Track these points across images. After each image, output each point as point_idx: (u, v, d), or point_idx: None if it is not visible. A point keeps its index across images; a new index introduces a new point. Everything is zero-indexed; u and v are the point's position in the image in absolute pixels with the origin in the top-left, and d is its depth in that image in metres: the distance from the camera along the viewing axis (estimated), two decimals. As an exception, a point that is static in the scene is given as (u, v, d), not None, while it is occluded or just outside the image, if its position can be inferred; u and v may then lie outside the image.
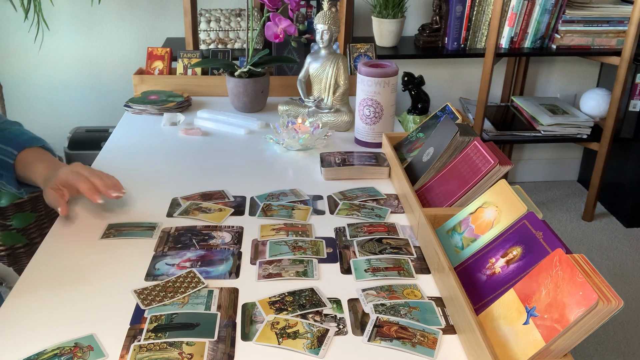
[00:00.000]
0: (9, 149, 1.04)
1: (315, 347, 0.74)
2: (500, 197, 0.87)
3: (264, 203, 1.11)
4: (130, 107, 1.58)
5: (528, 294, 0.69)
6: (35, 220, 2.00)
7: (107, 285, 0.87)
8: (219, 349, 0.74)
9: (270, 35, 1.43)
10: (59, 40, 2.53)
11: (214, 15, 2.37)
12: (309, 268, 0.91)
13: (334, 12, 1.42)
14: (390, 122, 1.36)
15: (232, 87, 1.55)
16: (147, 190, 1.16)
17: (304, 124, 1.36)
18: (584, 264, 0.66)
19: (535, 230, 0.78)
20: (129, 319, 0.79)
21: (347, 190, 1.17)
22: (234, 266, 0.91)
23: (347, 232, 1.01)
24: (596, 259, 2.40)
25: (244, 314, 0.80)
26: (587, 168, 2.95)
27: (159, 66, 1.74)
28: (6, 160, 1.04)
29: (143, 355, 0.72)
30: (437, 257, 0.86)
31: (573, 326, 0.62)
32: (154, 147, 1.38)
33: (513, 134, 2.51)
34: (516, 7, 2.32)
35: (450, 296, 0.80)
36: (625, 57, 2.32)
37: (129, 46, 2.57)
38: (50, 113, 2.66)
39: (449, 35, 2.43)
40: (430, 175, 1.09)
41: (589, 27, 2.38)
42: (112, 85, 2.63)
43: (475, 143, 1.02)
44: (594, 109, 2.60)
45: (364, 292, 0.85)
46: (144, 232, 1.00)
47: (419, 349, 0.74)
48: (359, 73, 1.31)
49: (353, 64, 1.71)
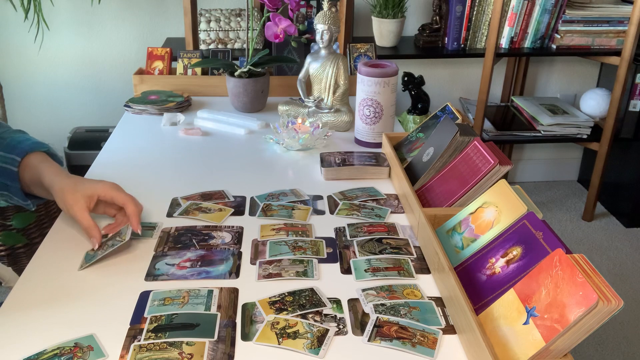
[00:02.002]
0: (12, 156, 0.98)
1: (315, 347, 0.74)
2: (500, 197, 0.87)
3: (264, 203, 1.11)
4: (130, 107, 1.58)
5: (528, 294, 0.69)
6: (35, 220, 2.00)
7: (107, 285, 0.87)
8: (219, 349, 0.74)
9: (270, 35, 1.43)
10: (59, 40, 2.53)
11: (214, 15, 2.37)
12: (309, 268, 0.91)
13: (334, 12, 1.42)
14: (390, 122, 1.36)
15: (232, 87, 1.56)
16: (147, 190, 1.16)
17: (304, 124, 1.36)
18: (584, 264, 0.66)
19: (535, 230, 0.78)
20: (129, 319, 0.79)
21: (347, 190, 1.17)
22: (234, 266, 0.91)
23: (347, 232, 1.01)
24: (596, 259, 2.40)
25: (244, 314, 0.80)
26: (587, 168, 2.95)
27: (159, 66, 1.74)
28: (9, 168, 0.98)
29: (143, 355, 0.72)
30: (437, 257, 0.86)
31: (573, 326, 0.62)
32: (154, 147, 1.38)
33: (513, 134, 2.51)
34: (516, 7, 2.32)
35: (450, 296, 0.80)
36: (625, 57, 2.32)
37: (129, 46, 2.57)
38: (50, 113, 2.66)
39: (449, 35, 2.43)
40: (430, 175, 1.09)
41: (589, 27, 2.38)
42: (112, 85, 2.63)
43: (475, 143, 1.02)
44: (594, 109, 2.60)
45: (364, 292, 0.85)
46: (144, 232, 1.00)
47: (419, 349, 0.74)
48: (359, 73, 1.31)
49: (353, 64, 1.71)
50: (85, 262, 0.91)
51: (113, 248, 0.92)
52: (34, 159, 0.99)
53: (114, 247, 0.92)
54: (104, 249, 0.92)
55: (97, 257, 0.91)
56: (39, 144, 1.03)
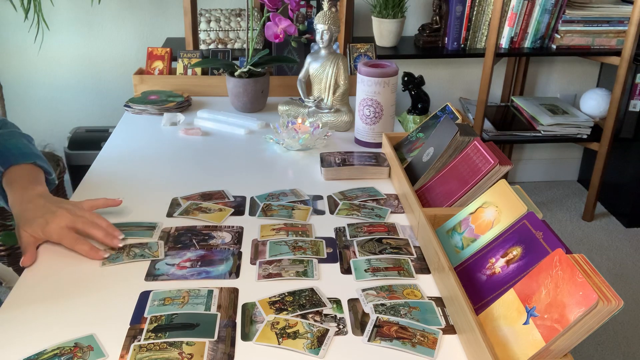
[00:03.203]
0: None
1: (315, 347, 0.74)
2: (500, 197, 0.87)
3: (264, 203, 1.11)
4: (130, 107, 1.58)
5: (528, 294, 0.69)
6: (35, 220, 2.00)
7: (107, 285, 0.87)
8: (219, 349, 0.74)
9: (270, 35, 1.43)
10: (59, 40, 2.53)
11: (214, 15, 2.37)
12: (309, 268, 0.91)
13: (334, 12, 1.42)
14: (390, 122, 1.36)
15: (232, 87, 1.55)
16: (147, 190, 1.16)
17: (304, 124, 1.36)
18: (584, 264, 0.66)
19: (535, 230, 0.78)
20: (129, 319, 0.79)
21: (347, 190, 1.17)
22: (234, 266, 0.91)
23: (347, 232, 1.01)
24: (596, 259, 2.40)
25: (244, 314, 0.80)
26: (587, 168, 2.95)
27: (159, 66, 1.74)
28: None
29: (143, 355, 0.72)
30: (437, 257, 0.86)
31: (573, 326, 0.62)
32: (154, 147, 1.38)
33: (513, 134, 2.51)
34: (516, 7, 2.32)
35: (450, 296, 0.80)
36: (625, 57, 2.32)
37: (129, 46, 2.57)
38: (50, 113, 2.66)
39: (449, 35, 2.43)
40: (430, 175, 1.09)
41: (589, 27, 2.38)
42: (112, 85, 2.63)
43: (475, 143, 1.02)
44: (594, 109, 2.60)
45: (364, 292, 0.85)
46: (144, 232, 1.00)
47: (419, 349, 0.74)
48: (359, 73, 1.31)
49: (353, 64, 1.71)
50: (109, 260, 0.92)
51: (138, 260, 0.92)
52: (15, 173, 0.99)
53: (142, 258, 0.93)
54: (131, 255, 0.93)
55: (121, 261, 0.92)
56: (27, 156, 1.02)
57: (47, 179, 1.04)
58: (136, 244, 0.96)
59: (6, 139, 1.05)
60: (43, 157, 1.05)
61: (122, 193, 1.14)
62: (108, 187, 1.18)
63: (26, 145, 1.06)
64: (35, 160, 1.03)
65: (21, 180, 0.98)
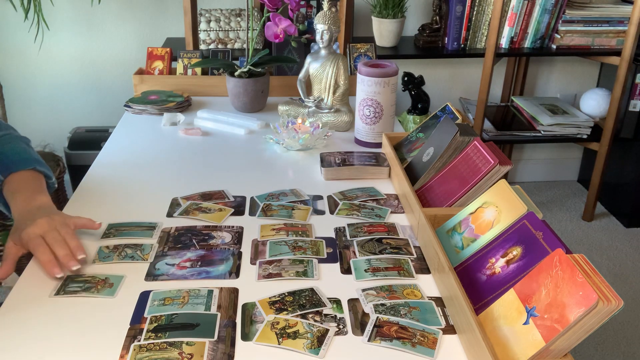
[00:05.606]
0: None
1: (315, 347, 0.74)
2: (500, 197, 0.87)
3: (264, 203, 1.11)
4: (130, 107, 1.58)
5: (528, 294, 0.69)
6: (35, 220, 2.00)
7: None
8: (219, 349, 0.74)
9: (270, 35, 1.43)
10: (59, 40, 2.53)
11: (214, 15, 2.37)
12: (309, 268, 0.91)
13: (334, 12, 1.42)
14: (390, 122, 1.36)
15: (232, 87, 1.56)
16: (147, 190, 1.16)
17: (304, 124, 1.36)
18: (584, 264, 0.66)
19: (535, 230, 0.78)
20: (129, 318, 0.79)
21: (347, 190, 1.17)
22: (234, 266, 0.91)
23: (347, 232, 1.01)
24: (596, 259, 2.40)
25: (244, 314, 0.80)
26: (587, 168, 2.95)
27: (159, 66, 1.74)
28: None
29: (143, 355, 0.72)
30: (437, 257, 0.86)
31: (573, 326, 0.62)
32: (154, 147, 1.38)
33: (513, 134, 2.51)
34: (516, 7, 2.32)
35: (450, 296, 0.80)
36: (625, 57, 2.32)
37: (129, 46, 2.57)
38: (50, 113, 2.66)
39: (449, 35, 2.43)
40: (430, 175, 1.09)
41: (589, 27, 2.37)
42: (112, 85, 2.63)
43: (475, 143, 1.02)
44: (594, 109, 2.60)
45: (364, 292, 0.85)
46: (144, 232, 1.00)
47: (419, 349, 0.74)
48: (359, 73, 1.31)
49: (353, 64, 1.71)
50: (99, 258, 0.93)
51: (128, 261, 0.92)
52: (16, 181, 0.97)
53: (131, 260, 0.92)
54: (122, 256, 0.93)
55: (110, 261, 0.92)
56: (26, 162, 1.00)
57: (47, 183, 1.03)
58: (131, 245, 0.96)
59: (3, 144, 1.03)
60: (42, 161, 1.03)
61: (122, 193, 1.14)
62: (108, 187, 1.18)
63: (25, 149, 1.04)
64: (35, 165, 1.01)
65: (25, 190, 0.96)
